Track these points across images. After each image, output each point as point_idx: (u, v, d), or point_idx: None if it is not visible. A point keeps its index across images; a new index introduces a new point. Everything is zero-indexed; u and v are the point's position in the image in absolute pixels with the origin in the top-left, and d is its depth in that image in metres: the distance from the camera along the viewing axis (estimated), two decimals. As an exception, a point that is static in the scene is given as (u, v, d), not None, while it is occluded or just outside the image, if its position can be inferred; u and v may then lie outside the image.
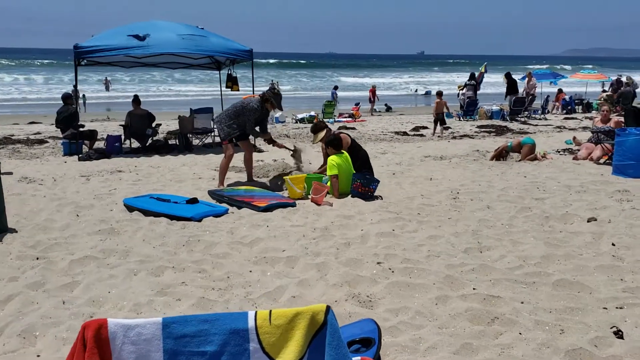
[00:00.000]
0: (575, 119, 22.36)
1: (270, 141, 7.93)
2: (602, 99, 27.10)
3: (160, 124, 14.13)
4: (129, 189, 7.62)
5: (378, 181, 6.94)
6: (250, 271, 4.50)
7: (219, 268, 4.56)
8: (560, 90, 27.43)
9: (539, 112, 23.50)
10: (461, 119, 22.18)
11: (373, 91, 28.48)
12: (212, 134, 14.03)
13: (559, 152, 10.72)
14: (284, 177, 6.99)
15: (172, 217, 5.92)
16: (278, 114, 23.07)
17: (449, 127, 18.59)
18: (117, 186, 7.80)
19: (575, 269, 4.51)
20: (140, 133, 12.99)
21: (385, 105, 30.16)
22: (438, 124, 16.83)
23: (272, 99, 7.58)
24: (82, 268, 4.54)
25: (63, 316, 3.63)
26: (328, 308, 1.72)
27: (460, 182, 7.88)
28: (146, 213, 6.12)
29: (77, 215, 6.17)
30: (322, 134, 7.53)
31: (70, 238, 5.33)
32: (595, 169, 8.81)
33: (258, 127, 7.87)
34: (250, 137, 8.09)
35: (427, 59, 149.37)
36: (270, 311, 1.68)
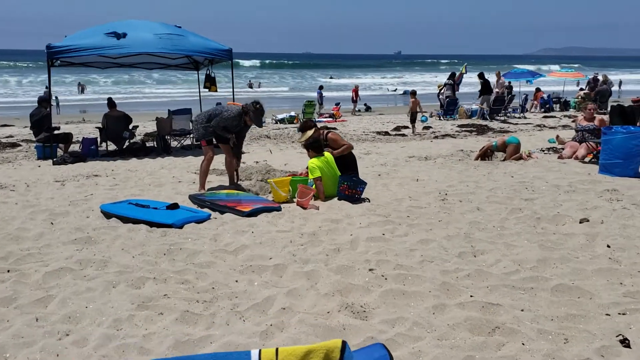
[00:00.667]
0: (555, 117, 22.48)
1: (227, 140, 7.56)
2: (580, 97, 27.40)
3: (137, 126, 13.78)
4: (106, 194, 7.32)
5: (365, 183, 6.75)
6: (236, 281, 4.27)
7: (203, 278, 4.32)
8: (538, 89, 27.59)
9: (518, 110, 23.59)
10: (441, 118, 22.15)
11: (356, 91, 28.39)
12: (191, 136, 13.74)
13: (543, 151, 10.66)
14: (268, 180, 6.77)
15: (151, 224, 5.66)
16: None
17: (429, 127, 18.54)
18: (94, 191, 7.50)
19: (572, 273, 4.37)
20: (117, 135, 12.65)
21: (365, 105, 30.07)
22: (415, 123, 17.40)
23: (252, 113, 7.34)
24: (57, 281, 4.27)
25: (36, 335, 3.38)
26: (344, 345, 1.52)
27: (447, 183, 7.74)
28: (124, 220, 5.85)
29: (52, 224, 5.87)
30: (310, 133, 7.33)
31: (45, 248, 5.04)
32: (582, 168, 8.74)
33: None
34: None
35: (404, 58, 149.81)
36: (277, 350, 1.47)
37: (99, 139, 12.76)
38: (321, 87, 28.46)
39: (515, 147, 9.69)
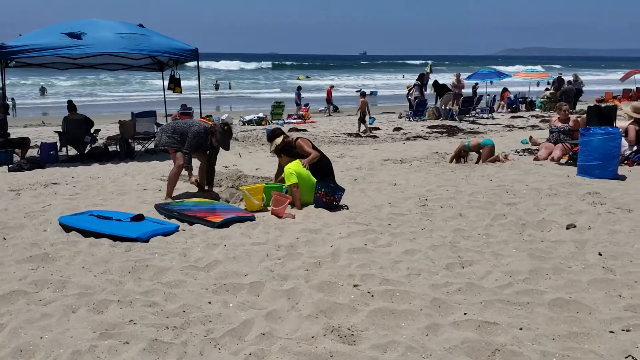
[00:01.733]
0: (522, 117, 22.61)
1: (188, 169, 7.03)
2: (546, 97, 27.68)
3: (99, 130, 13.22)
4: (65, 204, 6.82)
5: (343, 190, 6.44)
6: (210, 302, 3.90)
7: (172, 300, 3.93)
8: (505, 89, 27.77)
9: (487, 111, 23.65)
10: (411, 119, 22.04)
11: (330, 92, 28.21)
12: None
13: (518, 152, 10.53)
14: (240, 188, 6.40)
15: (115, 238, 5.23)
16: (224, 116, 22.33)
17: (400, 128, 18.38)
18: (52, 201, 6.99)
19: (567, 285, 4.13)
20: (78, 140, 12.07)
21: (332, 105, 29.85)
22: (363, 122, 17.91)
23: (218, 134, 6.93)
24: (8, 307, 3.82)
25: (-19, 374, 2.96)
26: None
27: (426, 187, 7.49)
28: (85, 233, 5.40)
29: (4, 239, 5.38)
30: (278, 141, 6.98)
31: (-5, 268, 4.57)
32: (559, 170, 8.60)
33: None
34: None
35: (369, 59, 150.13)
36: None
37: (58, 144, 12.15)
38: (299, 88, 28.14)
39: (490, 148, 9.53)
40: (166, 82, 14.46)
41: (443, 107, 22.23)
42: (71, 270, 4.47)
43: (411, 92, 23.29)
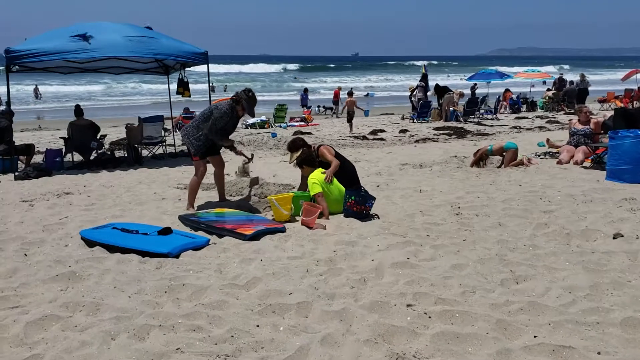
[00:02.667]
0: (527, 118, 22.43)
1: (232, 148, 6.93)
2: (548, 98, 27.53)
3: (105, 135, 12.92)
4: (83, 216, 6.54)
5: (374, 198, 6.19)
6: (258, 326, 3.64)
7: (217, 323, 3.67)
8: (507, 90, 27.58)
9: (491, 112, 23.45)
10: (415, 121, 21.81)
11: (337, 93, 27.93)
12: (164, 144, 12.96)
13: (539, 155, 10.30)
14: (269, 198, 6.13)
15: (143, 254, 4.95)
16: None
17: (406, 130, 18.16)
18: (68, 213, 6.70)
19: (633, 302, 3.89)
20: (84, 146, 11.78)
21: (323, 107, 29.60)
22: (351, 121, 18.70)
23: (244, 101, 6.65)
24: (42, 334, 3.55)
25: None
26: None
27: (454, 194, 7.24)
28: (110, 248, 5.13)
29: (25, 255, 5.10)
30: (297, 154, 6.71)
31: (21, 288, 4.29)
32: (586, 174, 8.38)
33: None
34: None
35: (362, 60, 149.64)
36: None
37: (64, 150, 11.85)
38: (306, 90, 27.84)
39: (514, 152, 9.30)
40: (172, 86, 14.23)
41: (446, 108, 22.04)
42: (103, 291, 4.20)
43: (414, 93, 23.08)
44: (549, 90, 29.35)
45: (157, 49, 11.09)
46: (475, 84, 29.40)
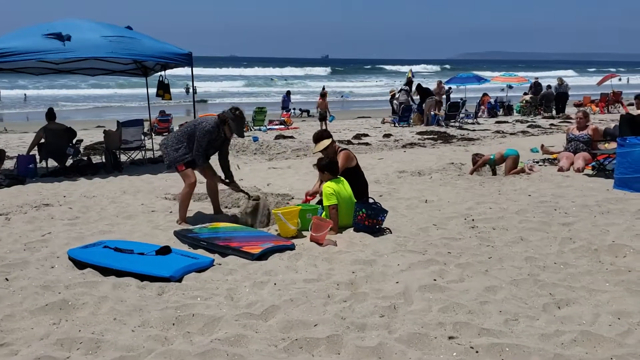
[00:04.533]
0: (507, 122, 22.35)
1: (223, 181, 6.49)
2: (525, 102, 27.59)
3: (81, 140, 12.25)
4: (67, 231, 5.96)
5: (386, 211, 5.78)
6: (287, 366, 3.19)
7: (240, 364, 3.21)
8: (485, 94, 27.55)
9: (472, 116, 23.33)
10: (396, 125, 21.53)
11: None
12: (143, 149, 12.35)
13: (538, 162, 10.04)
14: (274, 211, 5.66)
15: (142, 277, 4.45)
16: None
17: (390, 134, 17.84)
18: (50, 228, 6.11)
19: (692, 329, 3.56)
20: (60, 151, 11.10)
21: (300, 109, 29.17)
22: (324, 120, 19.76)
23: (231, 121, 6.20)
24: (37, 381, 3.04)
25: None
26: None
27: (463, 205, 6.89)
28: (103, 271, 4.60)
29: (7, 280, 4.53)
30: (325, 144, 6.30)
31: (6, 322, 3.74)
32: (592, 182, 8.13)
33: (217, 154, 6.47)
34: None
35: (332, 63, 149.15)
36: None
37: (37, 156, 11.14)
38: (288, 93, 27.30)
39: (515, 159, 9.02)
40: (151, 89, 13.63)
41: (427, 113, 21.84)
42: (101, 324, 3.69)
43: (397, 97, 22.82)
44: (525, 94, 29.41)
45: (138, 50, 10.51)
46: (450, 88, 29.29)
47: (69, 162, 11.37)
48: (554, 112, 26.14)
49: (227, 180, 6.50)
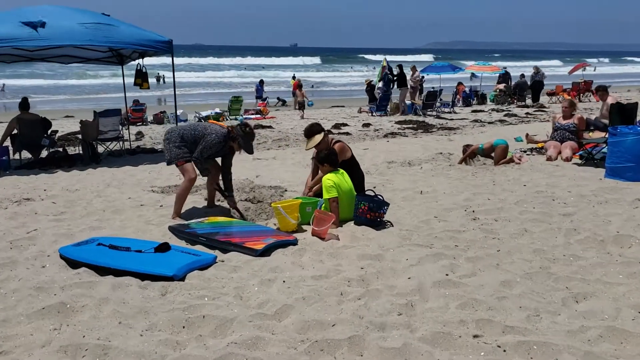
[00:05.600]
0: (484, 111, 22.45)
1: (222, 192, 6.29)
2: (498, 90, 27.80)
3: (57, 131, 11.80)
4: (54, 228, 5.66)
5: (388, 204, 5.64)
6: (310, 370, 3.03)
7: (262, 369, 3.03)
8: (459, 83, 27.64)
9: (449, 105, 23.37)
10: (374, 114, 21.44)
11: (296, 84, 27.26)
12: (122, 141, 11.97)
13: (525, 152, 10.03)
14: (274, 205, 5.47)
15: (142, 276, 4.22)
16: (179, 112, 20.98)
17: (369, 124, 17.74)
18: (35, 225, 5.81)
19: None
20: (34, 143, 10.68)
21: (278, 98, 28.87)
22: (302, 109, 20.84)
23: (241, 139, 5.98)
24: (45, 394, 2.82)
25: None
26: None
27: (460, 196, 6.80)
28: (99, 270, 4.36)
29: (-4, 281, 4.26)
30: (318, 139, 6.11)
31: (2, 328, 3.49)
32: (583, 172, 8.13)
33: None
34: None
35: (301, 51, 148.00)
36: None
37: (11, 148, 10.69)
38: (262, 82, 26.89)
39: (504, 149, 8.98)
40: (127, 78, 13.24)
41: (402, 102, 21.83)
42: (106, 328, 3.47)
43: (378, 86, 22.68)
44: (499, 83, 29.62)
45: (116, 37, 10.13)
46: (423, 77, 29.31)
47: (44, 153, 10.98)
48: (527, 101, 26.39)
49: (226, 193, 6.25)
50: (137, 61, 12.24)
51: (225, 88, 39.68)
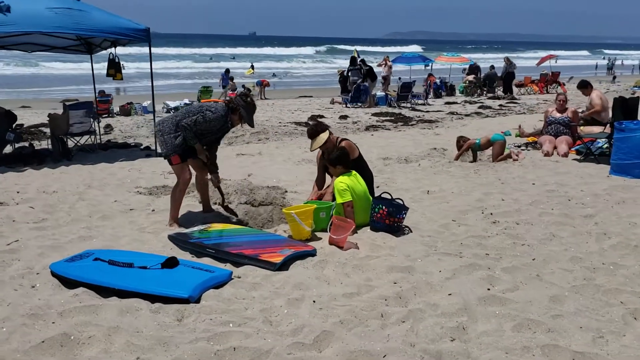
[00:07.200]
0: (457, 103, 22.33)
1: (208, 165, 5.74)
2: (468, 82, 27.79)
3: (22, 124, 10.99)
4: (38, 239, 5.04)
5: (407, 208, 5.25)
6: (373, 415, 2.61)
7: (317, 416, 2.60)
8: (430, 74, 27.50)
9: (421, 97, 23.17)
10: (348, 105, 21.05)
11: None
12: (94, 136, 11.24)
13: (520, 147, 9.80)
14: (285, 210, 5.01)
15: (153, 298, 3.72)
16: (146, 103, 20.17)
17: (347, 116, 17.36)
18: (15, 234, 5.18)
19: None
20: (-1, 138, 9.89)
21: (244, 86, 28.22)
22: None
23: (242, 109, 5.48)
24: None
25: None
26: None
27: (471, 196, 6.48)
28: (101, 290, 3.83)
29: (-19, 307, 3.68)
30: (323, 138, 5.63)
31: (-3, 370, 2.96)
32: (586, 167, 7.94)
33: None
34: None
35: (260, 40, 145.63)
36: None
37: (-28, 144, 9.87)
38: (227, 71, 26.10)
39: (502, 144, 8.69)
40: (98, 66, 12.48)
41: (372, 95, 21.57)
42: (123, 366, 2.97)
43: (348, 75, 22.28)
44: (469, 74, 29.62)
45: (88, 24, 9.40)
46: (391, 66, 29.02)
47: (9, 149, 10.20)
48: (497, 92, 26.43)
49: (211, 167, 5.72)
50: (108, 50, 11.49)
51: (187, 79, 38.57)
